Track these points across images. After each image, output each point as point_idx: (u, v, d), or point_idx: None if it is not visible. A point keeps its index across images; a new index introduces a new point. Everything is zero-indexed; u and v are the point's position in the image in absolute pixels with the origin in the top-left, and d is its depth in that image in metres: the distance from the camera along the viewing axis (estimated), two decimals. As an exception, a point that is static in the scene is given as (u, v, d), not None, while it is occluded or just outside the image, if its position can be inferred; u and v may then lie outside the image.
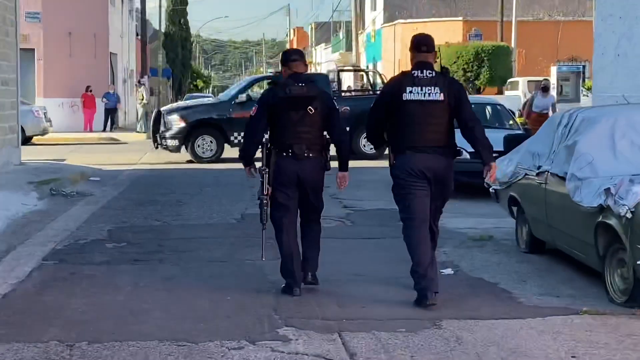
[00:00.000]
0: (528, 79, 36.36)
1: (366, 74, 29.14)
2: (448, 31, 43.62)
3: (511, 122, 16.90)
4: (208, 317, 6.66)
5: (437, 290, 6.95)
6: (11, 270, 8.37)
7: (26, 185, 14.81)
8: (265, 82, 23.82)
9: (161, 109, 23.19)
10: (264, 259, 7.53)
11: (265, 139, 7.35)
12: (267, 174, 7.22)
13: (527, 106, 21.84)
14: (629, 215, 6.66)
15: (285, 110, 7.23)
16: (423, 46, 7.22)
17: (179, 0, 66.44)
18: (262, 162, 7.30)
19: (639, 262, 6.60)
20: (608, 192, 6.96)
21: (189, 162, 21.15)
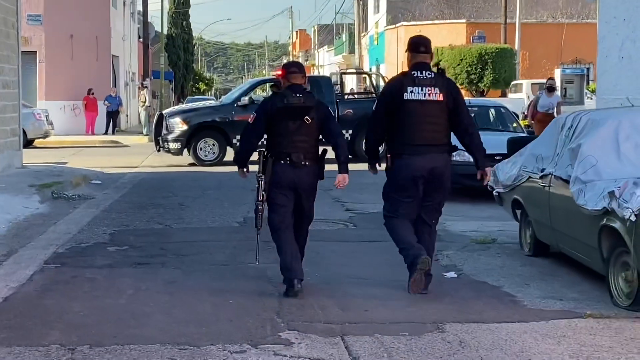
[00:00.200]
0: (532, 81, 36.27)
1: (369, 76, 29.10)
2: (451, 33, 43.62)
3: (515, 124, 16.89)
4: (210, 320, 6.65)
5: (430, 256, 7.40)
6: (12, 274, 8.36)
7: (28, 189, 14.79)
8: (267, 84, 23.80)
9: (163, 111, 23.17)
10: (258, 262, 7.63)
11: (263, 146, 7.48)
12: (262, 181, 7.35)
13: (532, 106, 21.78)
14: (633, 218, 6.64)
15: (283, 119, 7.40)
16: (422, 47, 7.56)
17: (181, 2, 66.46)
18: (258, 168, 7.41)
19: (643, 265, 6.58)
20: (612, 195, 6.93)
21: (191, 165, 21.15)
